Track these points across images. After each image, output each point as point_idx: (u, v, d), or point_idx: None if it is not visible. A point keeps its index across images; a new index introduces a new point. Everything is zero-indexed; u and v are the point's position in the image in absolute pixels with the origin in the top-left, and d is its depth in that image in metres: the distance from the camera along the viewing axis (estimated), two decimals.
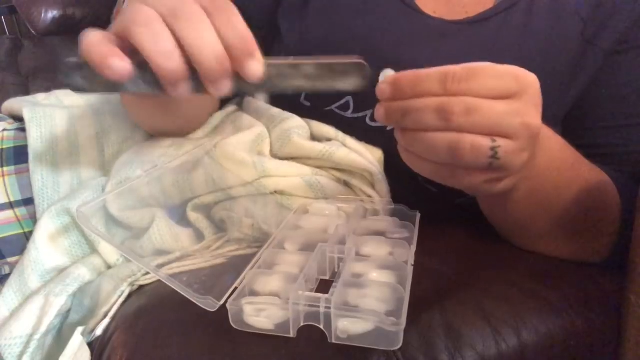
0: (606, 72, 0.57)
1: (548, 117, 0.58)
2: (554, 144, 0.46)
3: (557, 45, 0.57)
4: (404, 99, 0.36)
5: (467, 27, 0.58)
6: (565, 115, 0.60)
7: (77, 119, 0.63)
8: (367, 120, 0.59)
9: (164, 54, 0.34)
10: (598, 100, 0.58)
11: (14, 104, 0.67)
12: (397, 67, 0.58)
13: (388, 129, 0.57)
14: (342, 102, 0.60)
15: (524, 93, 0.36)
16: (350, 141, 0.58)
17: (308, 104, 0.61)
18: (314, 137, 0.61)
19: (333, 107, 0.60)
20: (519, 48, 0.56)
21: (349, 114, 0.59)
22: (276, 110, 0.61)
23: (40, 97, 0.70)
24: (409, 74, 0.35)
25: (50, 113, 0.61)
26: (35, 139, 0.59)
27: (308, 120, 0.61)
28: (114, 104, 0.67)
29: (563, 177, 0.48)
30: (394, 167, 0.60)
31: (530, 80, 0.36)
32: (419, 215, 0.55)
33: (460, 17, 0.59)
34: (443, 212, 0.59)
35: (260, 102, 0.65)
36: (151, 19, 0.34)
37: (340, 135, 0.59)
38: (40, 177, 0.58)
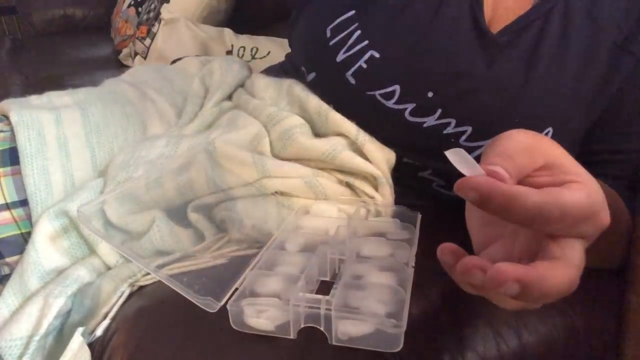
0: (632, 79, 0.56)
1: (576, 126, 0.57)
2: None
3: (592, 52, 0.55)
4: (486, 209, 0.32)
5: (509, 35, 0.56)
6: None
7: (64, 120, 0.62)
8: (407, 113, 0.57)
9: None
10: (621, 105, 0.57)
11: (5, 105, 0.67)
12: (447, 78, 0.55)
13: (424, 126, 0.56)
14: (388, 89, 0.57)
15: (594, 232, 0.33)
16: (369, 141, 0.57)
17: (353, 81, 0.59)
18: (327, 132, 0.59)
19: (377, 92, 0.57)
20: (557, 56, 0.55)
21: (390, 103, 0.57)
22: (273, 109, 0.61)
23: (32, 98, 0.69)
24: (503, 196, 0.31)
25: (36, 116, 0.61)
26: (24, 142, 0.59)
27: (329, 109, 0.59)
28: (101, 102, 0.66)
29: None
30: (402, 166, 0.60)
31: (601, 216, 0.33)
32: (419, 216, 0.55)
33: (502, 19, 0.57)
34: (444, 213, 0.58)
35: (257, 100, 0.64)
36: None
37: (361, 135, 0.57)
38: (32, 180, 0.57)
